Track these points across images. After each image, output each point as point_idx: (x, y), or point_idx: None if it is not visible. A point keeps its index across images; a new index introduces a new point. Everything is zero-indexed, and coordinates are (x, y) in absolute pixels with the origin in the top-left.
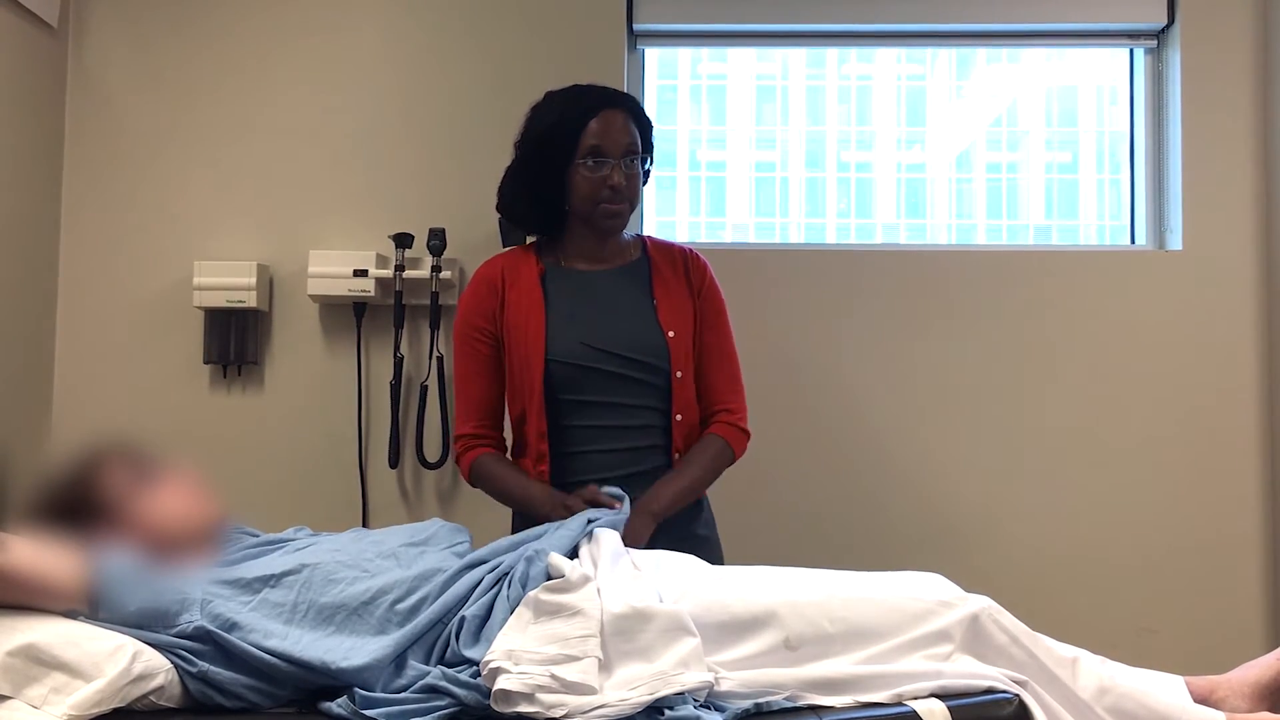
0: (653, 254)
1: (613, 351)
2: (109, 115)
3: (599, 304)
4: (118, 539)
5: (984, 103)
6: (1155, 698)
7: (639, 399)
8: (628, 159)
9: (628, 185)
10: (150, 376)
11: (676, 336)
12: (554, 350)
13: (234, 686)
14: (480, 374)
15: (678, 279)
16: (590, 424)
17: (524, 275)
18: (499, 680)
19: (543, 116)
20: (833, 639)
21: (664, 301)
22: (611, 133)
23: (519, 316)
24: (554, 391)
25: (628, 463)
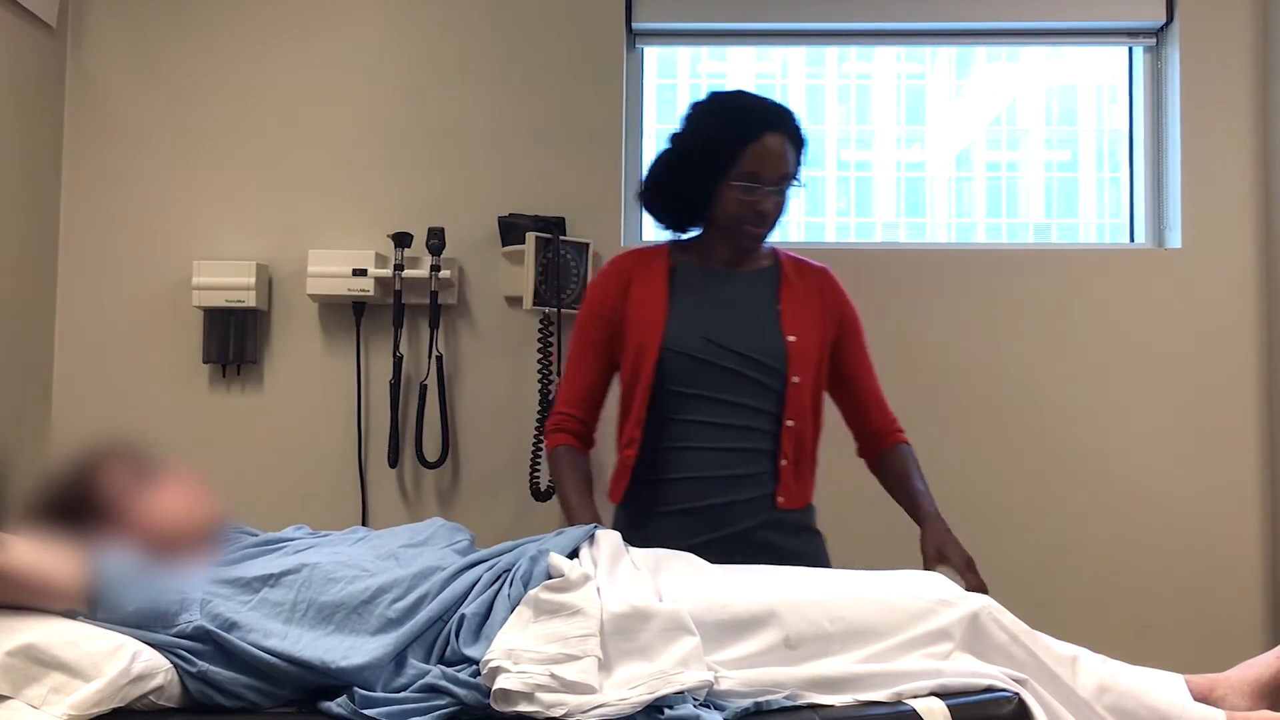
0: (785, 264)
1: (731, 348)
2: (108, 115)
3: (723, 301)
4: (117, 539)
5: (983, 101)
6: (1155, 696)
7: (752, 399)
8: (780, 186)
9: (776, 211)
10: (150, 376)
11: (798, 342)
12: (671, 340)
13: (234, 686)
14: (589, 360)
15: (808, 291)
16: (698, 419)
17: (653, 269)
18: (499, 679)
19: (705, 127)
20: (832, 638)
21: (789, 308)
22: (770, 159)
23: (641, 306)
24: (664, 382)
25: (730, 463)
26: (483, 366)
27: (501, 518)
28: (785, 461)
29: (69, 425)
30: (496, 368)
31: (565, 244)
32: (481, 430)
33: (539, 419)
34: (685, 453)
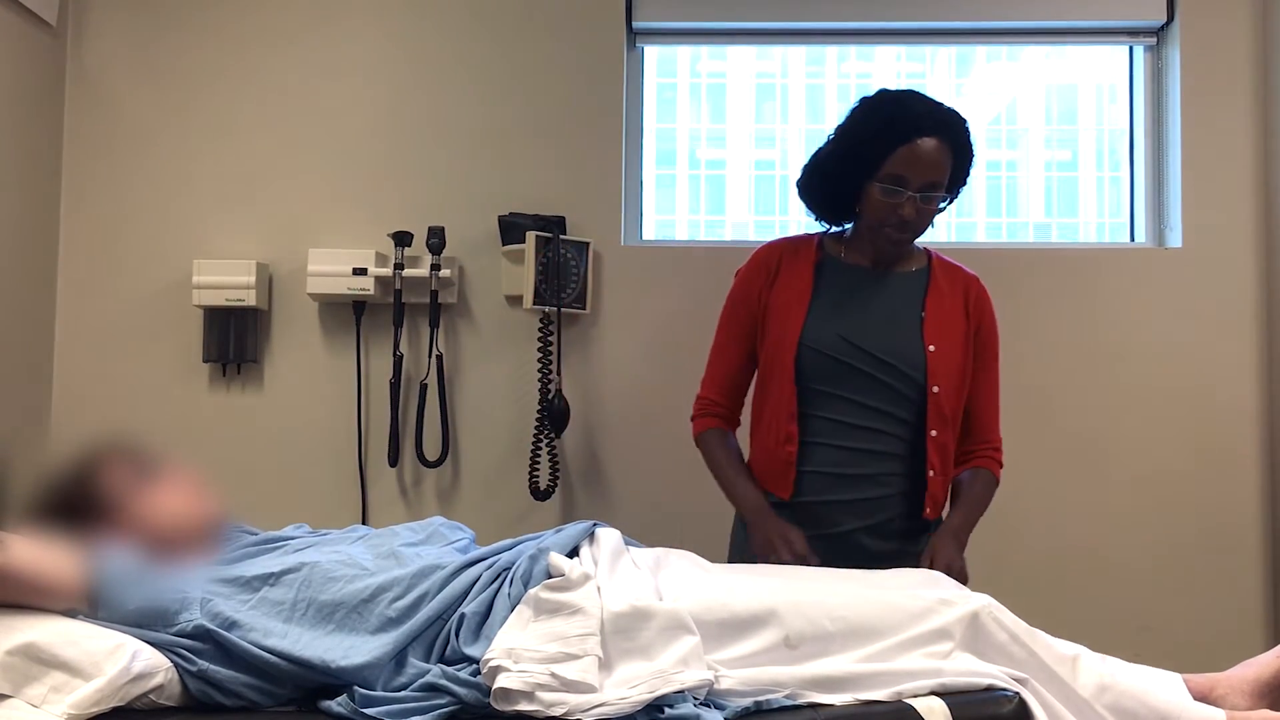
0: (935, 268)
1: (868, 351)
2: (108, 114)
3: (866, 302)
4: (117, 538)
5: (984, 100)
6: (1155, 695)
7: (887, 404)
8: (926, 193)
9: (918, 218)
10: (150, 375)
11: (938, 351)
12: (809, 337)
13: (234, 685)
14: (735, 347)
15: (955, 299)
16: (831, 417)
17: (800, 261)
18: (499, 679)
19: (863, 121)
20: (832, 637)
21: (934, 315)
22: (917, 164)
23: (784, 299)
24: (801, 377)
25: (859, 463)
26: (483, 365)
27: (502, 517)
28: (933, 472)
29: (69, 424)
30: (497, 367)
31: (565, 243)
32: (482, 429)
33: (539, 418)
34: (815, 448)
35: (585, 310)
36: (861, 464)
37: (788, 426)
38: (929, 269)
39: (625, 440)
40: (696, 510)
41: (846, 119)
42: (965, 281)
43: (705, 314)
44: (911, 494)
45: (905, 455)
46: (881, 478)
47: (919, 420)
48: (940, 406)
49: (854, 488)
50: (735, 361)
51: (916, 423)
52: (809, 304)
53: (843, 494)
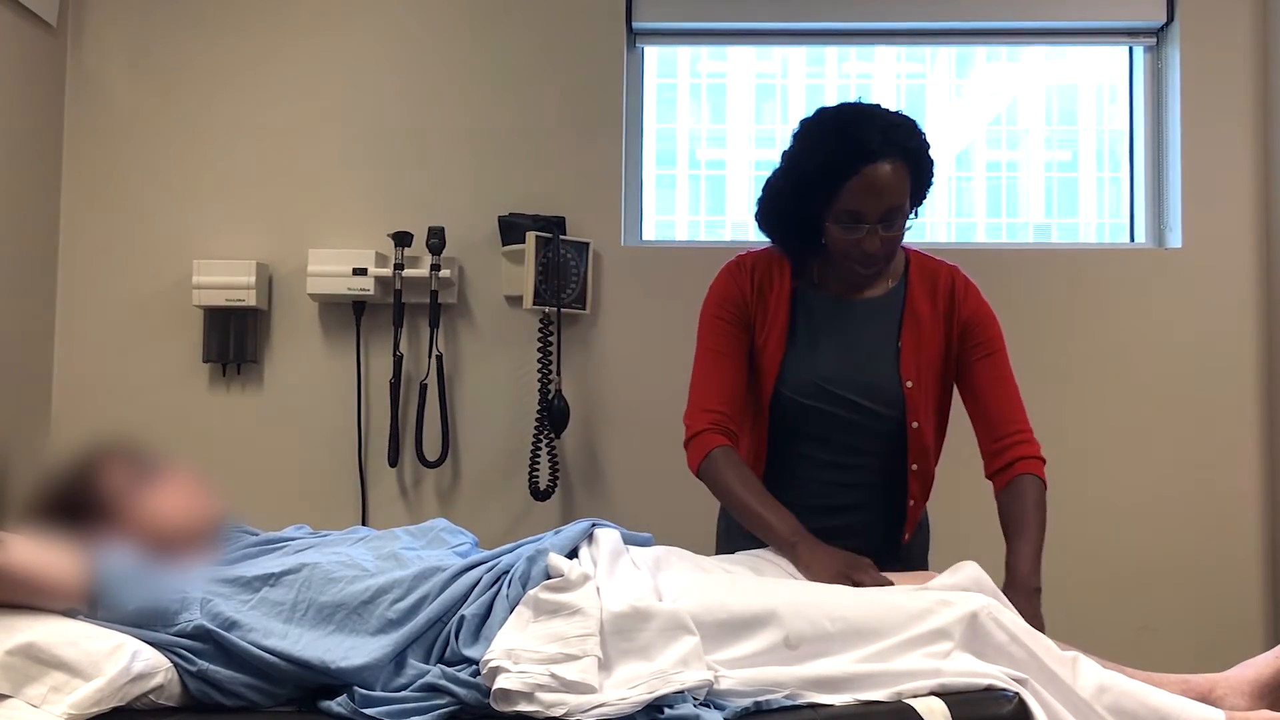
0: (913, 280)
1: (845, 396)
2: (108, 114)
3: (842, 337)
4: (117, 538)
5: (983, 101)
6: (1155, 695)
7: (866, 442)
8: (887, 221)
9: (883, 247)
10: (150, 375)
11: (916, 386)
12: (786, 384)
13: (233, 685)
14: (729, 356)
15: (934, 313)
16: (810, 454)
17: (776, 288)
18: (499, 679)
19: (808, 156)
20: (832, 637)
21: (910, 344)
22: (871, 195)
23: (764, 332)
24: (778, 419)
25: (838, 494)
26: (483, 366)
27: (501, 517)
28: (913, 502)
29: (69, 424)
30: (497, 367)
31: (565, 243)
32: (481, 429)
33: (539, 418)
34: (795, 481)
35: (585, 310)
36: (838, 496)
37: (758, 467)
38: (905, 282)
39: (625, 440)
40: (696, 510)
41: (791, 147)
42: (944, 282)
43: None
44: (889, 520)
45: (884, 485)
46: (860, 507)
47: (896, 452)
48: (922, 440)
49: (837, 515)
50: (733, 371)
51: (892, 454)
52: (785, 345)
53: (828, 521)
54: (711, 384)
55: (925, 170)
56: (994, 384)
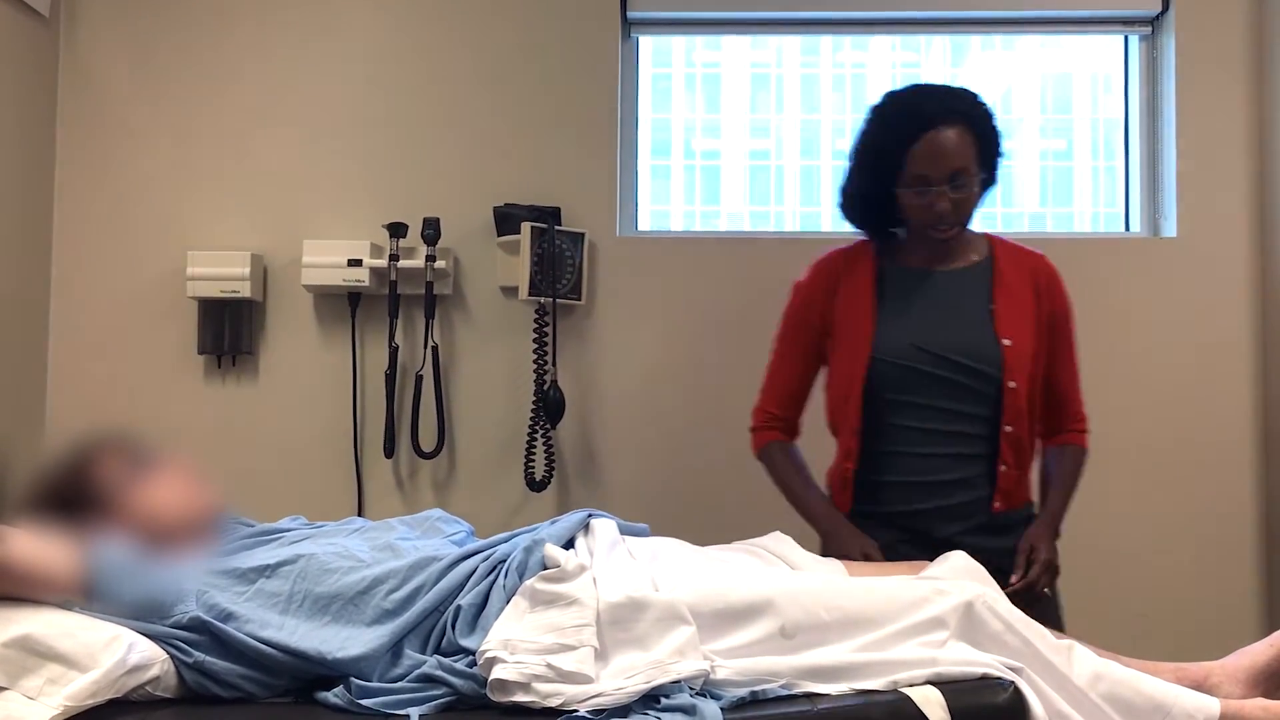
0: (999, 256)
1: (943, 355)
2: (101, 105)
3: (934, 305)
4: (113, 530)
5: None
6: (1150, 684)
7: (966, 405)
8: (955, 183)
9: (956, 209)
10: (144, 367)
11: (1013, 345)
12: (881, 349)
13: (230, 677)
14: (796, 359)
15: (1023, 285)
16: (911, 425)
17: (860, 271)
18: (495, 670)
19: (875, 132)
20: (829, 627)
21: (1004, 308)
22: (937, 158)
23: (849, 311)
24: (876, 389)
25: (944, 468)
26: (478, 356)
27: (498, 508)
28: (1005, 467)
29: (64, 416)
30: (492, 358)
31: (560, 234)
32: (477, 420)
33: (534, 409)
34: (898, 457)
35: (580, 301)
36: (949, 469)
37: (849, 442)
38: (992, 258)
39: (621, 431)
40: (692, 500)
41: (859, 133)
42: (1033, 265)
43: (701, 304)
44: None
45: (988, 454)
46: (970, 480)
47: (997, 416)
48: (1017, 401)
49: (943, 494)
50: (796, 375)
51: (994, 419)
52: (874, 315)
53: (934, 501)
54: (776, 385)
55: (991, 138)
56: (1065, 372)
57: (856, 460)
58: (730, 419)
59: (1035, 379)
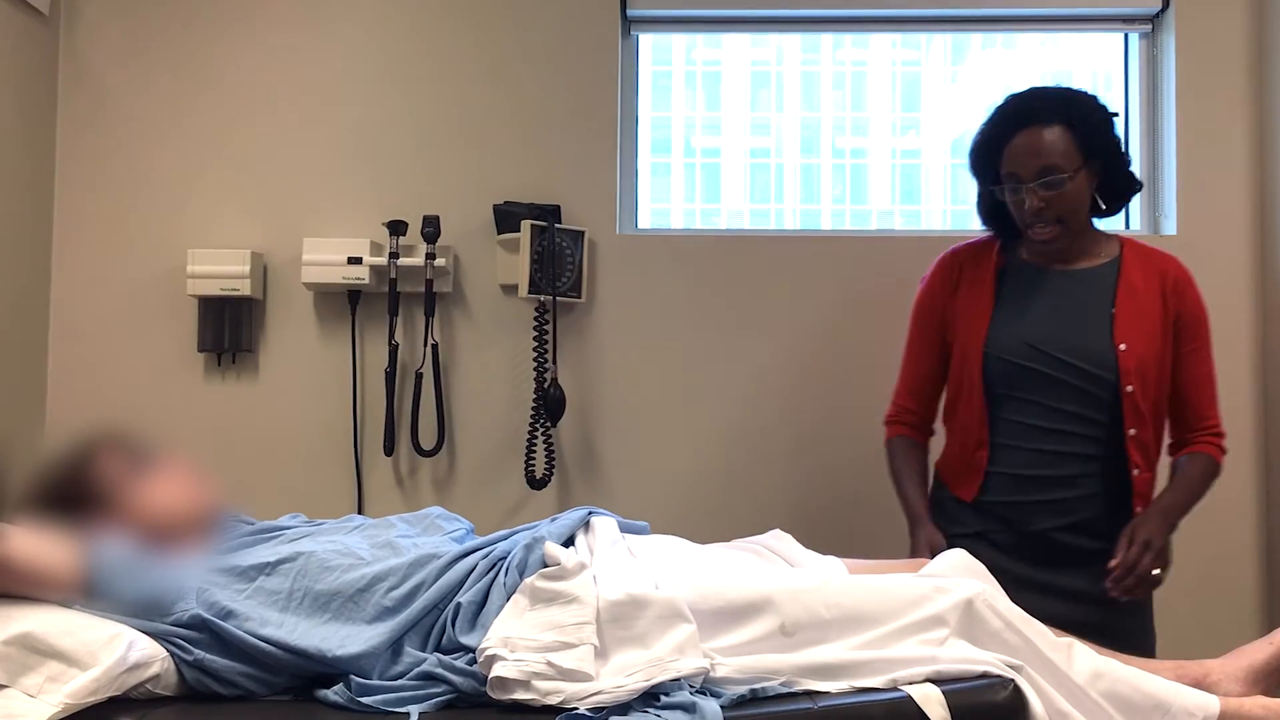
0: (1127, 258)
1: (1056, 356)
2: (101, 103)
3: (1052, 303)
4: (113, 528)
5: (979, 88)
6: (1150, 681)
7: (1078, 406)
8: (1045, 179)
9: (1049, 206)
10: (144, 365)
11: (1129, 350)
12: (993, 345)
13: (230, 674)
14: (922, 351)
15: (1150, 289)
16: (1020, 420)
17: (983, 266)
18: (495, 667)
19: (982, 130)
20: (829, 624)
21: (1125, 311)
22: (1025, 156)
23: (968, 306)
24: (990, 384)
25: (1049, 464)
26: (478, 354)
27: (498, 505)
28: (1138, 470)
29: (64, 415)
30: (492, 356)
31: (560, 232)
32: (477, 418)
33: (535, 406)
34: (1010, 450)
35: (580, 299)
36: (1052, 465)
37: (979, 432)
38: (1120, 259)
39: (621, 428)
40: (693, 497)
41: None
42: (1162, 267)
43: (701, 302)
44: (1115, 493)
45: (1102, 455)
46: (1075, 479)
47: (1115, 420)
48: (1136, 405)
49: (1043, 489)
50: (924, 367)
51: (1112, 422)
52: (991, 311)
53: (1032, 495)
54: (906, 378)
55: (1095, 135)
56: (1195, 379)
57: (988, 449)
58: (730, 416)
59: (1161, 384)
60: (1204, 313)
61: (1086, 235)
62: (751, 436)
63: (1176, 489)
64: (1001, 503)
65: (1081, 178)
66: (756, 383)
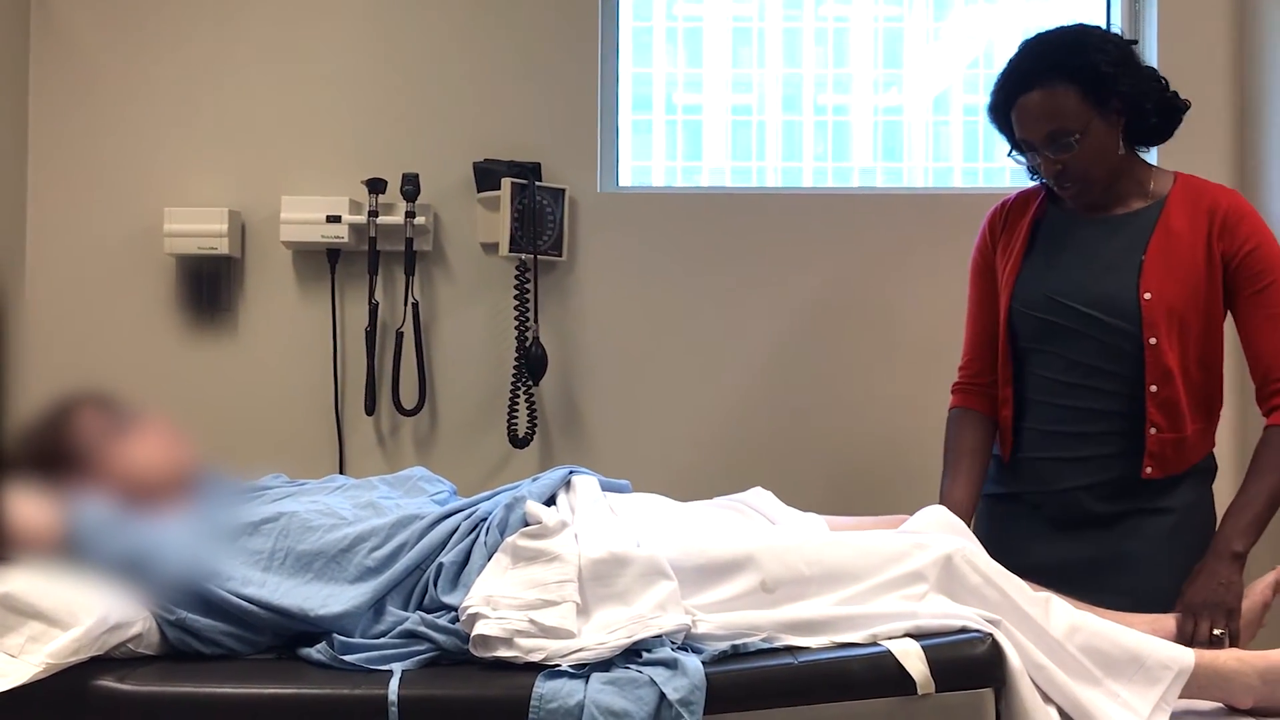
0: (1173, 198)
1: (1075, 307)
2: (75, 59)
3: (1081, 253)
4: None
5: (961, 44)
6: (1126, 635)
7: (1100, 360)
8: (1055, 143)
9: (1067, 168)
10: (122, 325)
11: (1156, 299)
12: (1018, 299)
13: (212, 634)
14: (977, 311)
15: (1195, 231)
16: (1047, 375)
17: (1024, 217)
18: (477, 625)
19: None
20: (809, 581)
21: (1157, 258)
22: (1029, 122)
23: (1005, 258)
24: (1017, 338)
25: (1075, 420)
26: (459, 313)
27: (480, 464)
28: (1155, 430)
29: (41, 376)
30: (473, 314)
31: (541, 190)
32: (459, 377)
33: (516, 365)
34: (1038, 405)
35: (562, 257)
36: (1077, 422)
37: (1004, 390)
38: (1165, 202)
39: (603, 387)
40: (675, 456)
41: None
42: (1211, 204)
43: (682, 260)
44: (1132, 454)
45: (1128, 413)
46: (1099, 436)
47: (1140, 375)
48: (1161, 359)
49: (1069, 446)
50: (980, 326)
51: (1136, 377)
52: (1021, 264)
53: (1060, 451)
54: (968, 337)
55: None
56: (1264, 323)
57: (1011, 407)
58: (712, 374)
59: (1202, 337)
60: (1269, 248)
61: (1129, 177)
62: (733, 394)
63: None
64: (1034, 459)
65: (1097, 129)
66: (738, 340)
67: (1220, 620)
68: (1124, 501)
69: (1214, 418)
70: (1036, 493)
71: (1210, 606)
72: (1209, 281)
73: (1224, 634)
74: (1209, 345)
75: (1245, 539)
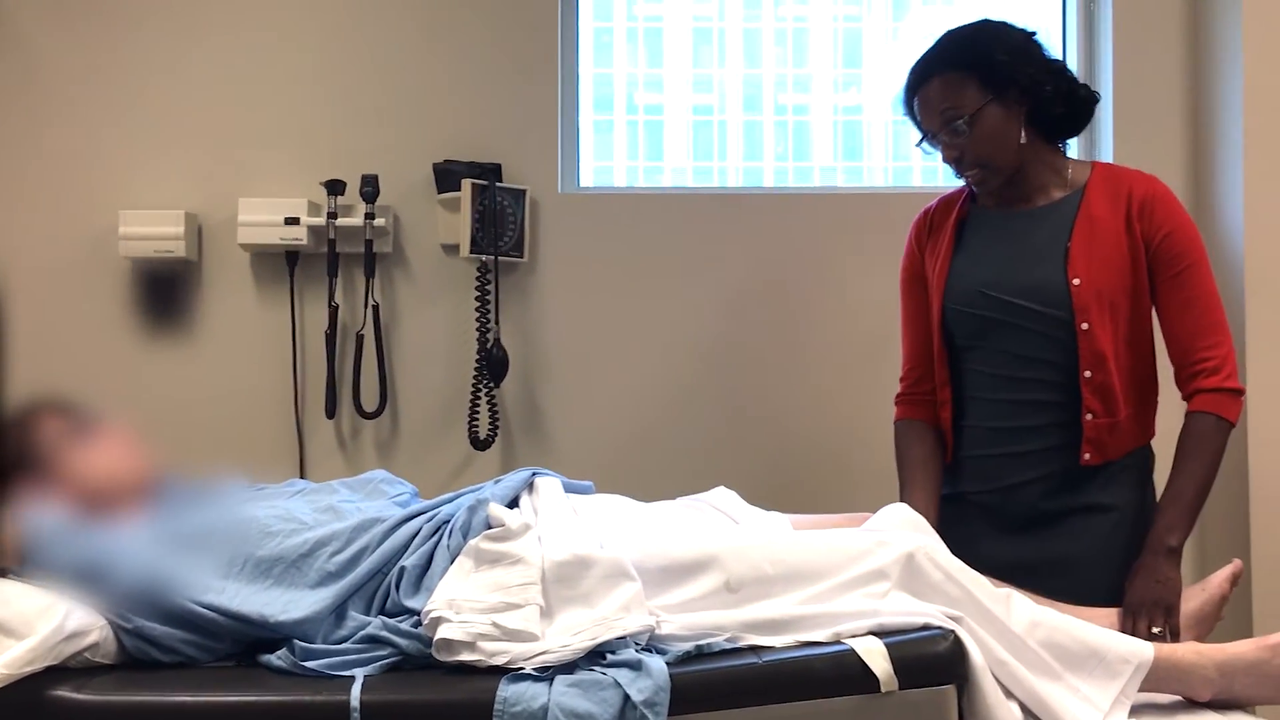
0: (1092, 186)
1: (1009, 300)
2: (24, 57)
3: (1006, 247)
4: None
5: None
6: (1086, 630)
7: (1036, 351)
8: (950, 126)
9: (965, 153)
10: (77, 329)
11: (1084, 284)
12: (950, 296)
13: (170, 641)
14: (911, 319)
15: (1115, 217)
16: (982, 370)
17: (949, 218)
18: (441, 629)
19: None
20: (773, 580)
21: (1082, 244)
22: (925, 113)
23: (933, 259)
24: (952, 337)
25: (1017, 414)
26: (420, 315)
27: (441, 467)
28: (1091, 416)
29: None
30: (434, 316)
31: (502, 190)
32: (420, 379)
33: (477, 367)
34: (977, 402)
35: (523, 258)
36: (1016, 416)
37: (942, 391)
38: (1085, 189)
39: (565, 388)
40: (637, 456)
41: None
42: (1129, 189)
43: (644, 261)
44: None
45: (1065, 401)
46: (1038, 430)
47: (1074, 362)
48: (1094, 344)
49: (1010, 440)
50: (916, 335)
51: (1072, 365)
52: (950, 262)
53: (1001, 447)
54: (904, 346)
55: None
56: (1180, 306)
57: (950, 408)
58: (673, 375)
59: (1130, 321)
60: (1185, 232)
61: (1047, 167)
62: (694, 395)
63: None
64: (977, 457)
65: (992, 114)
66: (699, 341)
67: (1159, 619)
68: (1066, 496)
69: (1150, 403)
70: (980, 492)
71: (1148, 605)
72: (1134, 264)
73: (1163, 631)
74: (1139, 328)
75: (1178, 533)
